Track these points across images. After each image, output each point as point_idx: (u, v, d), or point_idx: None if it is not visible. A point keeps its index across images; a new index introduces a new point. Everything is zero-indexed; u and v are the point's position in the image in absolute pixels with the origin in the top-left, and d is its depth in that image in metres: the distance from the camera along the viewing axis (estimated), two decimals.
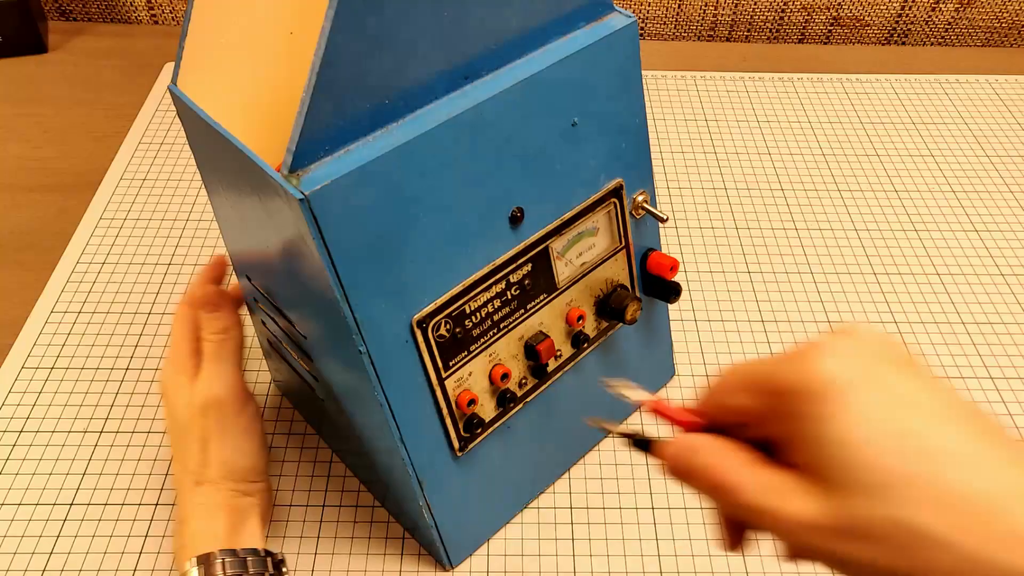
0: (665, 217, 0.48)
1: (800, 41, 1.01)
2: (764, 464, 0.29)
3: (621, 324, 0.51)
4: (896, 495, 0.26)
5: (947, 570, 0.25)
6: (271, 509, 0.50)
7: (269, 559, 0.45)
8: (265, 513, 0.48)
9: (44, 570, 0.50)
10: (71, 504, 0.53)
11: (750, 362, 0.31)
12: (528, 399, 0.48)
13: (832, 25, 1.00)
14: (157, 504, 0.53)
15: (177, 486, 0.47)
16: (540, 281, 0.46)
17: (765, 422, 0.30)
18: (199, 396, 0.45)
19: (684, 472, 0.31)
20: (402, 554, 0.51)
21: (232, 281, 0.67)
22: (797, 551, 0.29)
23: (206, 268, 0.52)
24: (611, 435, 0.35)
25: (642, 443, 0.34)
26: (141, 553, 0.51)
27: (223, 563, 0.43)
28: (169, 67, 0.90)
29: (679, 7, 0.98)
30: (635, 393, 0.35)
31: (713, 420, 0.32)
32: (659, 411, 0.33)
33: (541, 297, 0.46)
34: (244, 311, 0.53)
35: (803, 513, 0.27)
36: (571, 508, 0.53)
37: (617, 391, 0.37)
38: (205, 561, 0.43)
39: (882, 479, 0.26)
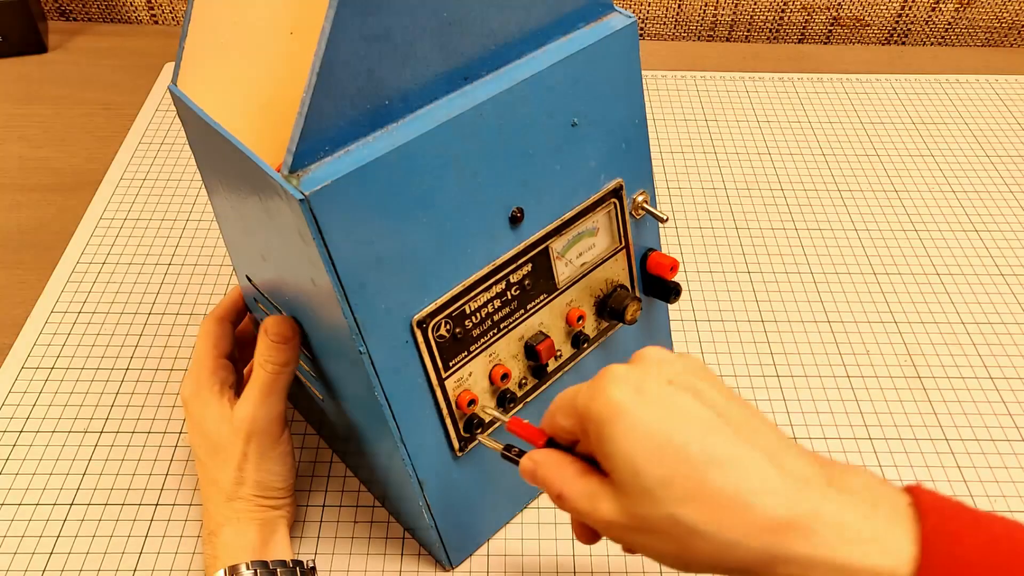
0: (665, 217, 0.48)
1: (800, 41, 1.01)
2: (587, 474, 0.35)
3: (621, 324, 0.51)
4: (665, 496, 0.31)
5: (711, 554, 0.31)
6: (294, 518, 0.51)
7: (298, 568, 0.46)
8: (291, 523, 0.49)
9: (44, 570, 0.50)
10: (71, 504, 0.53)
11: (568, 389, 0.37)
12: (528, 399, 0.48)
13: (832, 25, 1.00)
14: (157, 504, 0.53)
15: (205, 499, 0.47)
16: (540, 281, 0.46)
17: (583, 440, 0.36)
18: (244, 422, 0.45)
19: (532, 480, 0.38)
20: (402, 554, 0.51)
21: (233, 284, 0.67)
22: (623, 544, 0.35)
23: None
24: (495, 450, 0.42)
25: (513, 457, 0.40)
26: (141, 553, 0.51)
27: (255, 573, 0.44)
28: (169, 67, 0.90)
29: (679, 7, 0.98)
30: (502, 415, 0.42)
31: (555, 437, 0.38)
32: (515, 429, 0.40)
33: (541, 297, 0.46)
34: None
35: (608, 514, 0.33)
36: None
37: (489, 415, 0.43)
38: (235, 572, 0.44)
39: (653, 483, 0.31)
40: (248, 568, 0.44)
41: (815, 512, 0.30)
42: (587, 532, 0.38)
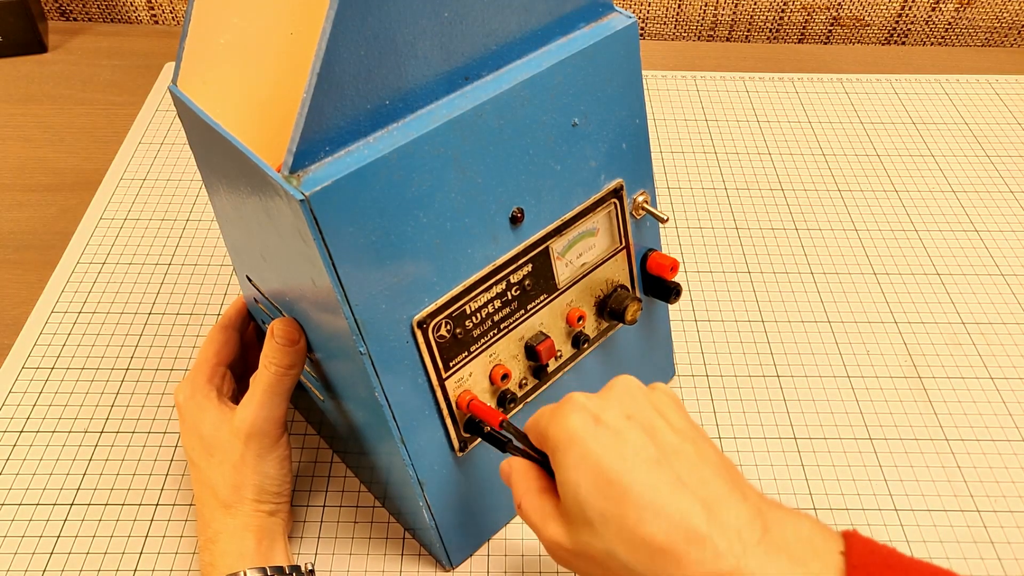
0: (665, 217, 0.48)
1: (800, 41, 1.01)
2: (546, 493, 0.37)
3: (621, 324, 0.51)
4: (603, 531, 0.33)
5: None
6: (291, 523, 0.51)
7: (295, 573, 0.46)
8: (287, 528, 0.49)
9: (44, 570, 0.50)
10: (71, 504, 0.53)
11: (541, 409, 0.39)
12: (528, 399, 0.48)
13: (832, 25, 1.00)
14: (157, 504, 0.53)
15: (201, 505, 0.47)
16: (540, 281, 0.46)
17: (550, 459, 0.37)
18: (245, 422, 0.45)
19: (505, 481, 0.40)
20: (402, 554, 0.51)
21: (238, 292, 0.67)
22: (553, 558, 0.37)
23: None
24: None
25: (500, 438, 0.43)
26: (141, 553, 0.51)
27: None
28: (169, 67, 0.90)
29: (679, 7, 0.98)
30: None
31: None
32: (475, 411, 0.43)
33: (541, 298, 0.46)
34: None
35: (554, 536, 0.35)
36: None
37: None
38: None
39: (594, 517, 0.33)
40: (246, 575, 0.44)
41: (742, 567, 0.31)
42: None
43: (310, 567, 0.49)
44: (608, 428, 0.35)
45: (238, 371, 0.52)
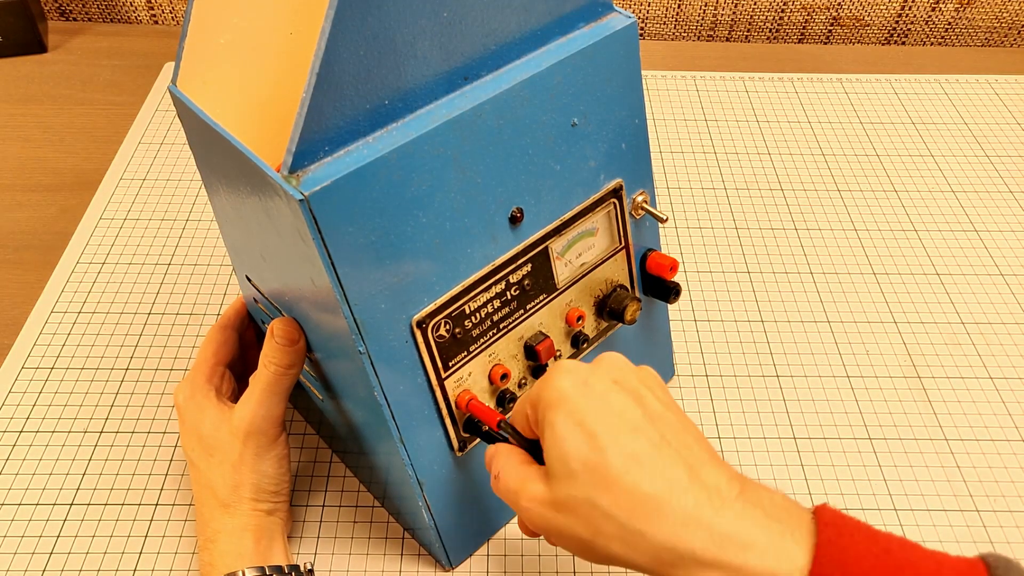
0: (665, 217, 0.48)
1: (800, 41, 1.01)
2: (527, 464, 0.38)
3: (620, 324, 0.51)
4: (587, 480, 0.34)
5: (614, 535, 0.33)
6: (291, 523, 0.51)
7: (294, 572, 0.46)
8: (286, 528, 0.49)
9: (44, 570, 0.50)
10: (71, 504, 0.53)
11: (528, 391, 0.39)
12: None
13: (832, 25, 1.00)
14: (157, 504, 0.53)
15: (200, 506, 0.47)
16: (540, 281, 0.46)
17: (535, 428, 0.38)
18: (244, 421, 0.45)
19: (487, 463, 0.41)
20: (402, 554, 0.51)
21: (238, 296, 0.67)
22: (533, 523, 0.37)
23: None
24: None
25: (496, 435, 0.44)
26: (141, 553, 0.51)
27: None
28: (169, 67, 0.90)
29: (679, 7, 0.98)
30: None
31: (520, 430, 0.40)
32: (474, 410, 0.44)
33: (541, 297, 0.46)
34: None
35: (534, 493, 0.36)
36: None
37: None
38: None
39: (578, 467, 0.34)
40: (244, 575, 0.44)
41: (719, 517, 0.32)
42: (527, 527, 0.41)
43: (309, 567, 0.49)
44: (594, 389, 0.36)
45: (238, 371, 0.52)
